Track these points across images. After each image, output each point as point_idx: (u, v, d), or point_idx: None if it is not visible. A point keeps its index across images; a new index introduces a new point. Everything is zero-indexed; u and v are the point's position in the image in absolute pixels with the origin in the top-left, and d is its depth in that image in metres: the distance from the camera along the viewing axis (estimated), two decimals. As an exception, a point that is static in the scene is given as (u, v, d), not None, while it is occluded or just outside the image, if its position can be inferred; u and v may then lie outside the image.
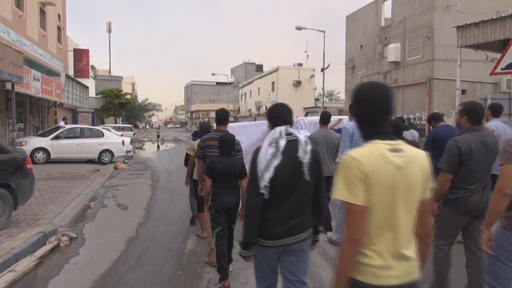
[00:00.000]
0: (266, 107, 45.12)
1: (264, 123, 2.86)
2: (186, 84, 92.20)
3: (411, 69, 21.24)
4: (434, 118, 5.59)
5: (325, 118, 5.86)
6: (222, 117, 4.45)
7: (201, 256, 5.07)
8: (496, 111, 5.32)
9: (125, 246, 5.49)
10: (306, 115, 28.36)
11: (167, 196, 9.24)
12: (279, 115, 2.67)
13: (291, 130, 2.61)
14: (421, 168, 1.74)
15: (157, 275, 4.46)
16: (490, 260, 2.82)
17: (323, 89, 29.27)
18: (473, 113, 3.49)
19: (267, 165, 2.46)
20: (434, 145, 4.94)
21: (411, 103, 21.28)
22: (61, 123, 18.54)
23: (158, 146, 28.90)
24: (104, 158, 15.39)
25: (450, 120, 18.68)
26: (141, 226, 6.57)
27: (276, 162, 2.46)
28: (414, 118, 20.77)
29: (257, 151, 2.57)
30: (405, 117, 21.55)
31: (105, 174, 12.31)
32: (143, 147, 28.09)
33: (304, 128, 6.84)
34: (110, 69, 52.21)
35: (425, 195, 1.78)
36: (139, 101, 57.40)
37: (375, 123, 1.79)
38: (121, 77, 49.87)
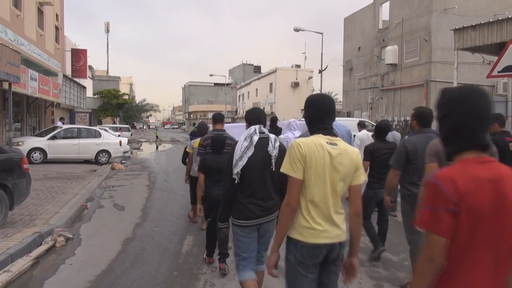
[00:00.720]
0: (264, 108, 45.20)
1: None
2: (184, 85, 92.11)
3: (409, 71, 21.31)
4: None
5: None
6: (219, 117, 5.01)
7: (197, 257, 5.07)
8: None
9: (121, 247, 5.48)
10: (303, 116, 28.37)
11: (164, 197, 9.22)
12: (255, 116, 3.25)
13: (263, 129, 3.16)
14: (351, 160, 2.24)
15: (154, 275, 4.46)
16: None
17: (320, 90, 29.29)
18: (421, 117, 3.97)
19: (241, 156, 3.02)
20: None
21: (408, 105, 21.34)
22: (59, 123, 18.48)
23: (157, 147, 28.84)
24: (101, 158, 15.36)
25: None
26: (138, 227, 6.55)
27: (249, 153, 3.02)
28: (411, 120, 20.84)
29: (235, 145, 3.14)
30: (396, 119, 21.61)
31: (102, 175, 12.28)
32: (140, 147, 28.03)
33: (297, 129, 7.36)
34: (108, 69, 52.08)
35: (355, 182, 2.28)
36: (137, 102, 57.22)
37: (320, 122, 2.33)
38: (119, 77, 49.75)
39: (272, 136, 3.14)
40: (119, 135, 20.15)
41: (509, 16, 11.89)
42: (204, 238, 4.98)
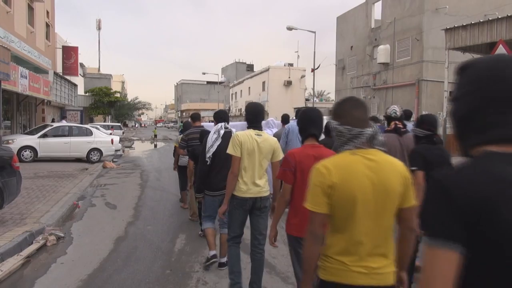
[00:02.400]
0: (256, 106, 45.25)
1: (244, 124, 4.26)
2: (177, 83, 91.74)
3: (400, 70, 21.45)
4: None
5: (285, 119, 7.52)
6: (197, 116, 6.50)
7: (190, 255, 5.07)
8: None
9: (113, 246, 5.46)
10: (296, 115, 28.43)
11: (156, 195, 9.20)
12: (221, 116, 4.44)
13: (227, 125, 4.32)
14: (270, 145, 3.57)
15: (146, 274, 4.45)
16: None
17: (313, 89, 29.42)
18: (388, 119, 4.41)
19: (212, 144, 4.17)
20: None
21: (400, 104, 21.46)
22: (63, 122, 18.32)
23: (155, 146, 28.70)
24: (92, 157, 15.25)
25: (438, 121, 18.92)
26: (130, 225, 6.53)
27: (218, 143, 4.12)
28: (403, 119, 20.98)
29: (207, 137, 4.29)
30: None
31: (93, 173, 12.21)
32: (132, 146, 27.89)
33: (274, 127, 7.98)
34: (99, 67, 51.64)
35: (274, 159, 3.59)
36: (129, 100, 56.96)
37: (251, 122, 3.62)
38: (111, 75, 49.39)
39: (234, 130, 4.19)
40: (110, 133, 20.02)
41: (499, 17, 12.03)
42: (197, 236, 5.15)
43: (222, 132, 4.19)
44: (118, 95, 42.34)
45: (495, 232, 0.91)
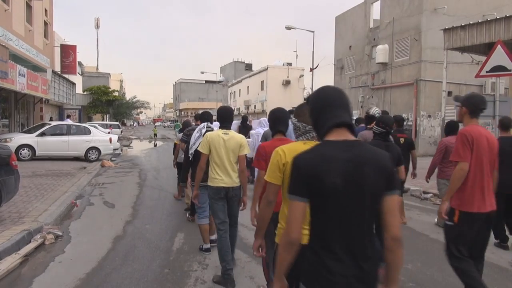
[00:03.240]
0: (255, 106, 45.15)
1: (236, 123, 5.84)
2: (175, 82, 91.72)
3: (399, 70, 21.48)
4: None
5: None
6: (197, 117, 6.90)
7: (188, 254, 5.07)
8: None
9: (111, 244, 5.45)
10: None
11: (154, 194, 9.19)
12: (204, 117, 5.13)
13: (210, 125, 4.86)
14: (235, 141, 4.16)
15: (144, 273, 4.45)
16: None
17: (311, 89, 29.41)
18: (371, 118, 5.43)
19: (195, 142, 4.80)
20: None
21: (398, 104, 21.51)
22: (68, 121, 18.29)
23: (155, 145, 28.67)
24: (91, 155, 15.23)
25: (436, 121, 18.96)
26: (128, 224, 6.53)
27: (200, 140, 4.53)
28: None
29: (190, 135, 5.17)
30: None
31: (91, 172, 12.19)
32: (130, 145, 27.85)
33: (266, 126, 8.07)
34: (97, 65, 51.52)
35: (240, 153, 4.19)
36: (127, 99, 56.83)
37: (221, 123, 4.24)
38: (109, 74, 49.25)
39: (215, 129, 4.56)
40: (109, 132, 20.00)
41: (498, 17, 12.05)
42: (195, 235, 5.21)
43: (203, 131, 4.78)
44: (116, 94, 42.22)
45: (321, 189, 1.65)
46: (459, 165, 3.34)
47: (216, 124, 4.75)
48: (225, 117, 4.29)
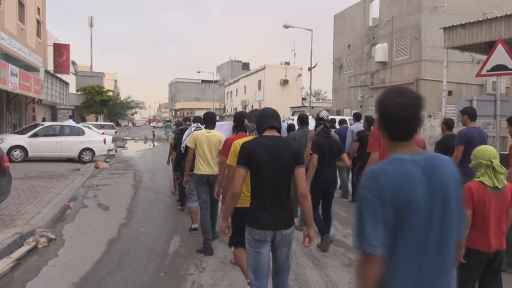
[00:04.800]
0: (252, 106, 45.12)
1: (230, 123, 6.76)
2: (171, 82, 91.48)
3: (399, 69, 21.54)
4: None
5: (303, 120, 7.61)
6: (186, 118, 8.93)
7: (185, 257, 5.06)
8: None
9: (106, 248, 5.44)
10: (293, 114, 28.43)
11: (150, 196, 9.18)
12: (197, 120, 6.13)
13: (200, 125, 5.82)
14: (217, 138, 5.28)
15: (139, 277, 4.44)
16: None
17: (310, 88, 29.46)
18: (300, 120, 6.76)
19: (185, 138, 6.01)
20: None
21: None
22: (70, 121, 18.23)
23: (154, 145, 28.66)
24: (84, 157, 15.18)
25: (436, 121, 19.02)
26: (123, 227, 6.51)
27: (190, 136, 5.57)
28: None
29: (182, 133, 6.55)
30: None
31: (85, 174, 12.15)
32: (125, 145, 27.80)
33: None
34: (91, 65, 51.41)
35: (220, 148, 4.91)
36: (122, 99, 56.76)
37: (206, 124, 5.44)
38: (103, 73, 49.13)
39: (203, 128, 5.62)
40: (103, 133, 19.96)
41: (498, 15, 12.11)
42: (191, 238, 5.34)
43: (193, 129, 5.91)
44: (110, 93, 42.12)
45: (255, 162, 2.87)
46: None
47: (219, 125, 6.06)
48: (209, 119, 5.50)
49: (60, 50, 26.75)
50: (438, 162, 1.62)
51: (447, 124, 6.15)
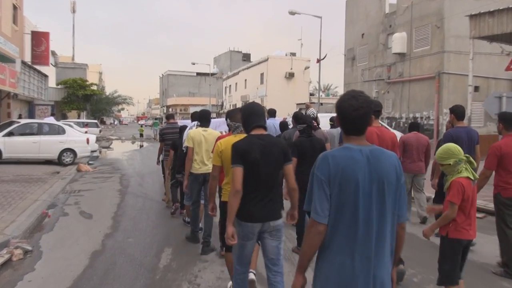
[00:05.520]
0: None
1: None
2: (162, 75, 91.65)
3: (419, 61, 21.53)
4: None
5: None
6: (171, 115, 9.53)
7: (177, 272, 5.07)
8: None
9: (89, 261, 5.45)
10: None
11: (138, 203, 9.20)
12: (195, 117, 6.87)
13: (198, 123, 6.21)
14: (213, 137, 5.70)
15: (126, 294, 4.44)
16: None
17: (318, 82, 29.52)
18: (295, 118, 6.85)
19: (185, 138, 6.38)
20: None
21: (418, 101, 21.58)
22: (51, 118, 18.27)
23: (141, 146, 28.73)
24: (65, 158, 15.22)
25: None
26: (108, 238, 6.53)
27: (186, 136, 6.16)
28: (421, 118, 21.03)
29: (183, 132, 6.99)
30: (404, 116, 21.83)
31: (66, 177, 12.18)
32: (110, 146, 27.86)
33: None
34: (73, 55, 51.52)
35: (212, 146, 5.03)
36: (107, 93, 56.87)
37: (200, 122, 6.08)
38: (86, 65, 49.28)
39: (198, 127, 6.11)
40: (86, 132, 20.00)
41: (531, 1, 12.09)
42: (185, 250, 5.37)
43: (194, 128, 6.30)
44: (94, 87, 42.21)
45: (248, 160, 3.33)
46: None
47: (217, 123, 6.57)
48: (204, 118, 6.10)
49: (39, 38, 26.81)
50: (381, 154, 2.22)
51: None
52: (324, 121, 10.50)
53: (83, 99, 36.83)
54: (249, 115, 3.57)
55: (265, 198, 3.41)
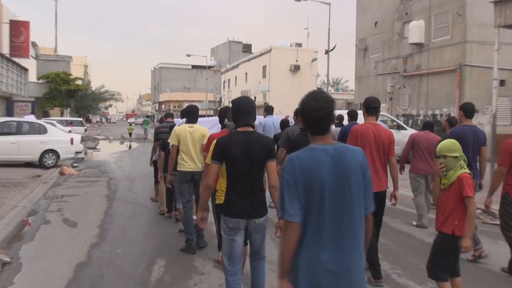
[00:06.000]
0: (255, 98, 45.21)
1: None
2: (154, 68, 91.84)
3: (438, 53, 21.51)
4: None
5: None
6: (168, 114, 9.80)
7: (170, 286, 5.08)
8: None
9: (73, 274, 5.45)
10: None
11: (127, 210, 9.21)
12: (183, 114, 7.49)
13: (186, 120, 6.56)
14: (200, 133, 6.25)
15: (114, 310, 4.45)
16: None
17: (327, 76, 29.45)
18: (297, 115, 7.05)
19: None
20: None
21: (437, 96, 21.55)
22: (31, 117, 18.32)
23: (130, 147, 28.79)
24: (47, 160, 15.25)
25: (485, 118, 18.95)
26: (94, 248, 6.54)
27: (172, 133, 6.56)
28: (441, 115, 21.00)
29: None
30: (421, 113, 21.79)
31: (48, 181, 12.20)
32: (97, 147, 27.90)
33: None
34: (56, 47, 51.77)
35: (204, 142, 5.89)
36: (93, 89, 57.04)
37: (187, 118, 6.49)
38: (70, 57, 49.39)
39: (184, 124, 6.52)
40: (69, 131, 20.04)
41: None
42: (179, 262, 5.39)
43: (181, 123, 6.80)
44: (79, 82, 42.27)
45: (229, 156, 3.82)
46: None
47: (214, 122, 6.87)
48: (191, 113, 6.47)
49: (18, 28, 26.89)
50: (345, 151, 2.54)
51: (450, 122, 7.38)
52: None
53: (66, 95, 36.89)
54: (241, 113, 3.97)
55: (249, 195, 3.84)
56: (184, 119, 6.81)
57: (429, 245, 4.36)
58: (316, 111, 2.51)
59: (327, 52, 26.81)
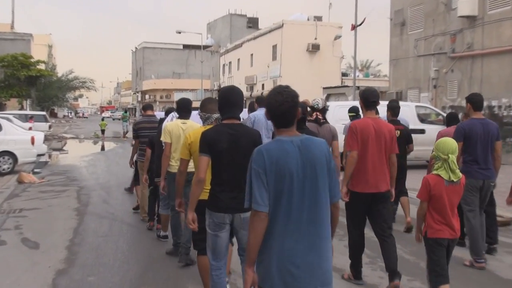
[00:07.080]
0: (263, 85, 45.11)
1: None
2: (136, 48, 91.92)
3: (495, 28, 21.41)
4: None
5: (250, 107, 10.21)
6: (148, 106, 10.17)
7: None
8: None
9: (34, 308, 5.47)
10: (327, 99, 28.37)
11: (103, 227, 9.21)
12: (173, 108, 8.09)
13: (176, 114, 7.18)
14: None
15: None
16: None
17: (354, 58, 29.40)
18: (312, 109, 7.54)
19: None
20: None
21: (494, 83, 21.38)
22: None
23: (103, 147, 28.85)
24: (1, 165, 15.32)
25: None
26: (61, 276, 6.54)
27: (163, 129, 7.16)
28: (499, 107, 20.87)
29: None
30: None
31: (2, 191, 12.26)
32: (64, 148, 27.98)
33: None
34: (13, 22, 52.01)
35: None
36: (59, 75, 57.19)
37: (179, 113, 7.09)
38: (31, 35, 49.67)
39: (177, 119, 7.09)
40: (30, 128, 20.11)
41: None
42: None
43: (172, 118, 7.28)
44: (42, 66, 42.47)
45: (215, 150, 4.61)
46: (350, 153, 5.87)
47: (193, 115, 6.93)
48: (183, 108, 6.98)
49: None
50: (310, 142, 3.29)
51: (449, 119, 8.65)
52: (343, 112, 11.89)
53: (26, 82, 37.11)
54: (227, 104, 4.70)
55: (234, 189, 4.52)
56: (170, 116, 7.36)
57: (454, 256, 5.00)
58: (280, 105, 3.24)
59: (354, 27, 26.76)
